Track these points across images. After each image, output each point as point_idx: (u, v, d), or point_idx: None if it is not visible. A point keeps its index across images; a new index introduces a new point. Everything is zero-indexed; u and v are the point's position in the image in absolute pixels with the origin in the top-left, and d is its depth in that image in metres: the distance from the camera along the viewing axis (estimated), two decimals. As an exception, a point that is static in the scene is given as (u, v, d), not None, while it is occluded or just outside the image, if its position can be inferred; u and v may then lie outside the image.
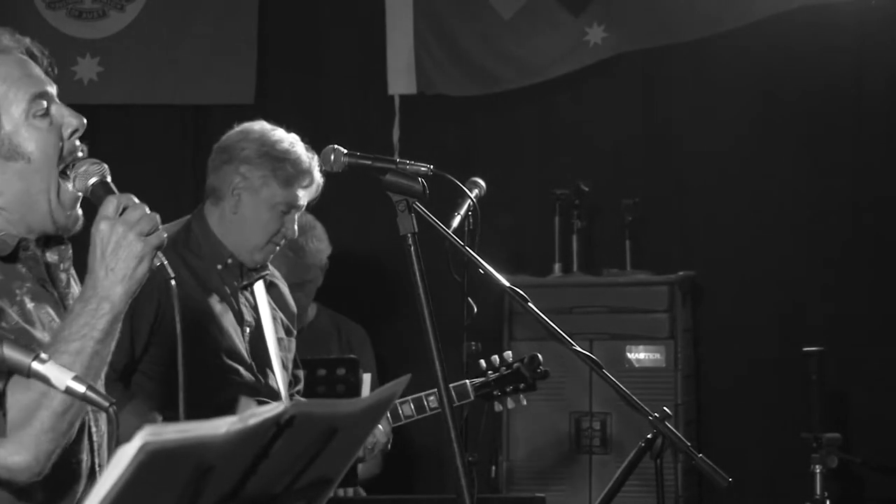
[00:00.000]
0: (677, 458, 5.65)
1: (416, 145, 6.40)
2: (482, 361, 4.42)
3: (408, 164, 3.37)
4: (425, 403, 4.36)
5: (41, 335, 2.59)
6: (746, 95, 6.40)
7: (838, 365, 5.76)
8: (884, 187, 6.24)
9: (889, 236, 6.19)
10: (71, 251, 2.73)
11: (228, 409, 2.59)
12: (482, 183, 4.34)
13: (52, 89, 2.66)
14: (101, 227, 2.52)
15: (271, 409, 1.84)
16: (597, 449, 5.94)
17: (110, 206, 2.53)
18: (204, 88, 6.75)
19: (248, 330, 4.08)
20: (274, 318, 4.19)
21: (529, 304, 3.32)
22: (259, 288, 4.17)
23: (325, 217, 5.57)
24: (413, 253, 2.63)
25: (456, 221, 4.08)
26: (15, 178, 2.60)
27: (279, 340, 4.18)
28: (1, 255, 2.61)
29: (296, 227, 4.11)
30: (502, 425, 6.00)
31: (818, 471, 4.59)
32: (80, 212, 2.68)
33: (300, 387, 4.28)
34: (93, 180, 2.60)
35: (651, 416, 3.40)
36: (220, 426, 1.77)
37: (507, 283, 3.35)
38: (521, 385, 4.45)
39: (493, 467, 5.96)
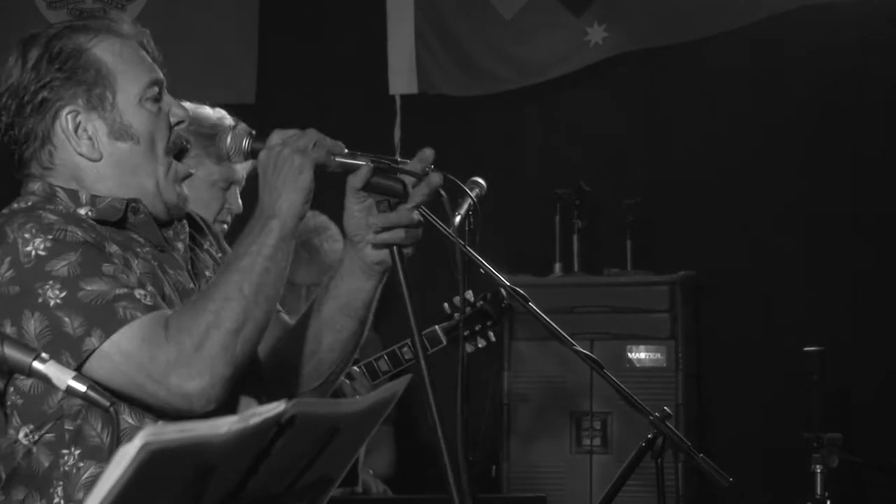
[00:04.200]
0: (678, 458, 5.65)
1: (417, 145, 6.34)
2: (446, 305, 4.46)
3: (408, 164, 3.37)
4: (399, 355, 4.41)
5: (169, 290, 2.59)
6: (746, 95, 6.40)
7: (839, 365, 5.75)
8: (884, 187, 6.24)
9: (889, 236, 6.19)
10: (187, 227, 2.74)
11: (224, 406, 2.60)
12: (483, 183, 4.34)
13: (163, 79, 2.70)
14: (261, 157, 2.56)
15: (272, 409, 1.84)
16: (597, 449, 5.94)
17: (274, 137, 2.56)
18: (204, 88, 6.73)
19: None
20: None
21: (530, 303, 3.33)
22: None
23: (327, 217, 5.57)
24: (397, 258, 2.63)
25: (456, 221, 4.09)
26: (123, 160, 2.62)
27: None
28: (110, 220, 2.60)
29: (239, 201, 4.03)
30: (502, 425, 6.00)
31: (819, 471, 4.57)
32: (186, 191, 2.71)
33: None
34: (245, 141, 2.62)
35: (652, 415, 3.40)
36: (220, 426, 1.77)
37: (508, 283, 3.36)
38: (489, 322, 4.50)
39: (493, 467, 5.97)
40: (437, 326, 4.43)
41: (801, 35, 6.26)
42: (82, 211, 2.60)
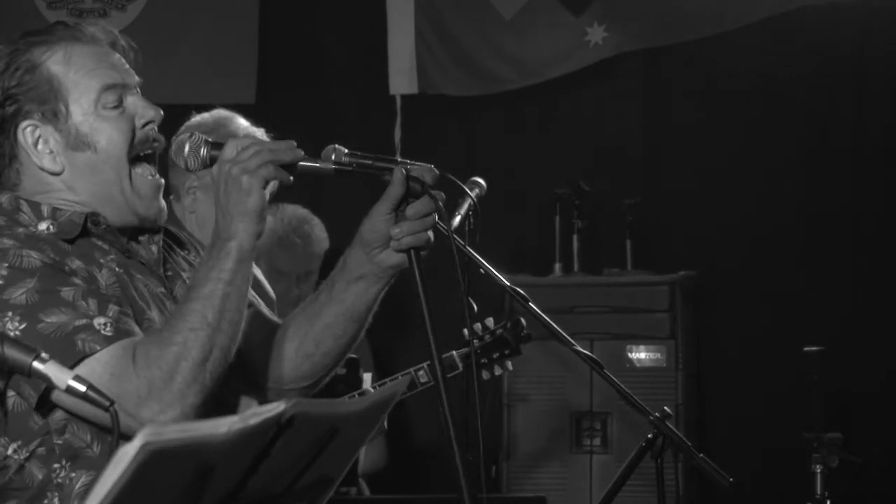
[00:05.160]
0: (678, 458, 5.64)
1: (417, 145, 6.41)
2: (465, 330, 4.45)
3: (409, 164, 3.36)
4: (415, 379, 4.39)
5: (139, 299, 2.58)
6: (746, 95, 6.40)
7: (839, 364, 5.75)
8: (884, 187, 6.24)
9: (889, 236, 6.19)
10: (162, 235, 2.72)
11: (224, 406, 2.60)
12: (483, 182, 4.34)
13: (132, 80, 2.70)
14: (213, 173, 2.54)
15: (272, 409, 1.84)
16: (597, 449, 5.94)
17: (227, 150, 2.53)
18: (204, 88, 6.75)
19: None
20: (251, 305, 4.17)
21: (530, 303, 3.33)
22: None
23: (326, 216, 5.57)
24: (414, 260, 2.63)
25: (457, 221, 4.09)
26: (85, 169, 2.62)
27: None
28: (69, 238, 2.59)
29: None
30: (502, 425, 6.00)
31: (819, 470, 4.57)
32: (163, 203, 2.69)
33: None
34: (203, 149, 2.59)
35: (652, 415, 3.41)
36: (220, 426, 1.77)
37: (508, 283, 3.36)
38: (507, 351, 4.49)
39: (493, 467, 5.97)
40: (454, 352, 4.41)
41: (801, 35, 6.26)
42: (43, 226, 2.58)
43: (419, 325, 2.60)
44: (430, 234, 2.64)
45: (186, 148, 2.61)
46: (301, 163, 2.56)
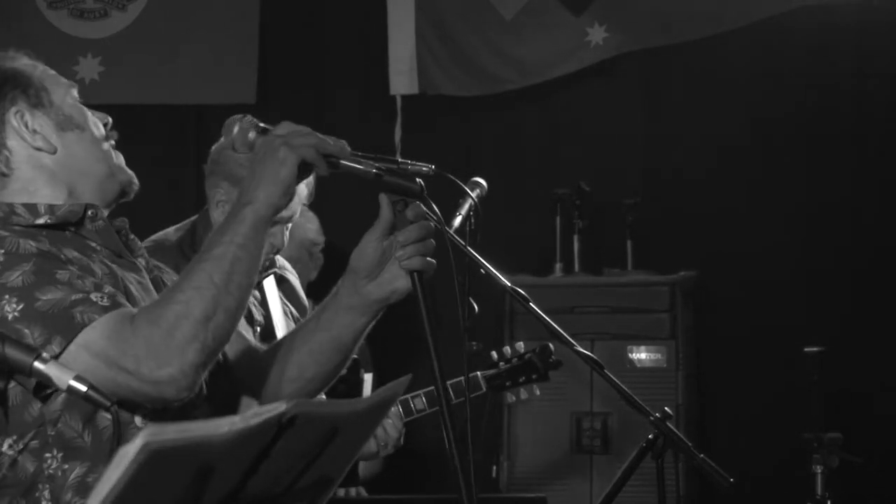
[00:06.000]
0: (678, 459, 5.64)
1: (417, 145, 6.41)
2: (493, 353, 4.44)
3: (409, 164, 3.36)
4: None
5: (135, 292, 2.60)
6: (746, 95, 6.40)
7: (839, 365, 5.75)
8: (884, 187, 6.24)
9: (889, 236, 6.19)
10: (140, 244, 2.78)
11: (224, 406, 2.60)
12: (483, 183, 4.34)
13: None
14: (257, 143, 2.57)
15: (272, 409, 1.84)
16: (598, 449, 5.94)
17: (280, 127, 2.56)
18: (205, 88, 6.75)
19: (258, 329, 4.05)
20: (285, 314, 4.17)
21: (531, 304, 3.32)
22: (269, 283, 4.14)
23: (326, 215, 5.57)
24: (418, 283, 2.63)
25: (457, 221, 4.09)
26: (76, 147, 2.69)
27: None
28: (70, 222, 2.63)
29: (285, 237, 4.04)
30: (503, 425, 6.01)
31: (819, 471, 4.58)
32: (132, 173, 2.76)
33: None
34: (252, 133, 2.61)
35: (652, 416, 3.40)
36: (221, 426, 1.77)
37: (509, 284, 3.36)
38: (534, 376, 4.46)
39: (494, 467, 5.97)
40: (478, 373, 4.41)
41: (801, 35, 6.26)
42: (41, 220, 2.62)
43: (418, 325, 2.60)
44: (432, 259, 2.64)
45: (236, 128, 2.62)
46: (343, 161, 2.55)
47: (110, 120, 2.79)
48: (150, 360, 2.42)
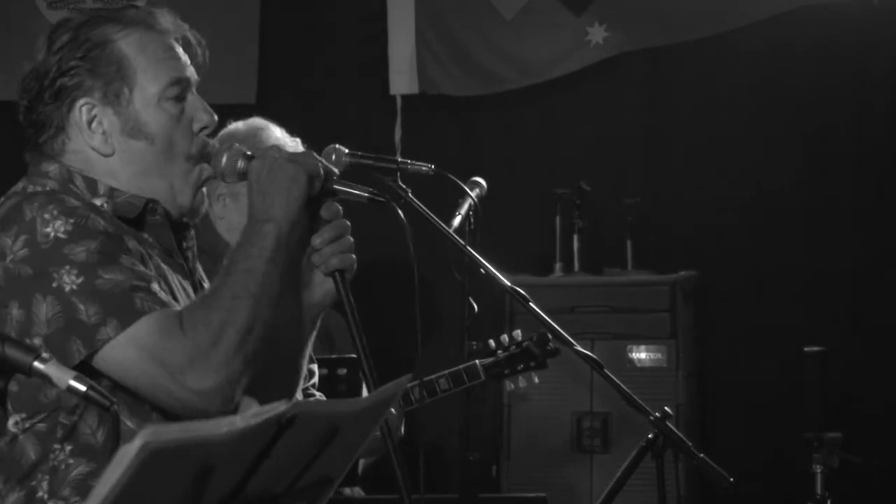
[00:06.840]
0: (678, 458, 5.62)
1: (417, 145, 6.41)
2: (491, 341, 4.45)
3: (409, 164, 3.37)
4: (436, 387, 4.39)
5: (177, 293, 2.55)
6: (747, 95, 6.40)
7: (839, 365, 5.75)
8: (884, 187, 6.24)
9: (890, 236, 6.19)
10: (195, 237, 2.70)
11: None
12: (483, 183, 4.34)
13: (193, 77, 2.66)
14: (253, 164, 2.52)
15: (272, 409, 1.84)
16: (598, 448, 5.94)
17: (271, 150, 2.54)
18: (205, 88, 6.73)
19: None
20: None
21: (531, 304, 3.33)
22: None
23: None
24: (340, 284, 2.59)
25: (457, 221, 4.09)
26: (137, 158, 2.58)
27: None
28: (128, 217, 2.55)
29: None
30: (503, 425, 6.01)
31: (819, 471, 4.57)
32: (205, 191, 2.65)
33: (314, 380, 4.25)
34: (240, 162, 2.57)
35: (652, 415, 3.41)
36: (221, 425, 1.77)
37: (509, 283, 3.36)
38: (532, 363, 4.48)
39: (494, 467, 5.97)
40: (477, 361, 4.42)
41: (801, 35, 6.26)
42: (98, 202, 2.54)
43: (430, 329, 2.60)
44: (353, 256, 2.58)
45: (224, 158, 2.59)
46: (335, 186, 2.53)
47: (210, 125, 2.63)
48: (198, 369, 2.38)
